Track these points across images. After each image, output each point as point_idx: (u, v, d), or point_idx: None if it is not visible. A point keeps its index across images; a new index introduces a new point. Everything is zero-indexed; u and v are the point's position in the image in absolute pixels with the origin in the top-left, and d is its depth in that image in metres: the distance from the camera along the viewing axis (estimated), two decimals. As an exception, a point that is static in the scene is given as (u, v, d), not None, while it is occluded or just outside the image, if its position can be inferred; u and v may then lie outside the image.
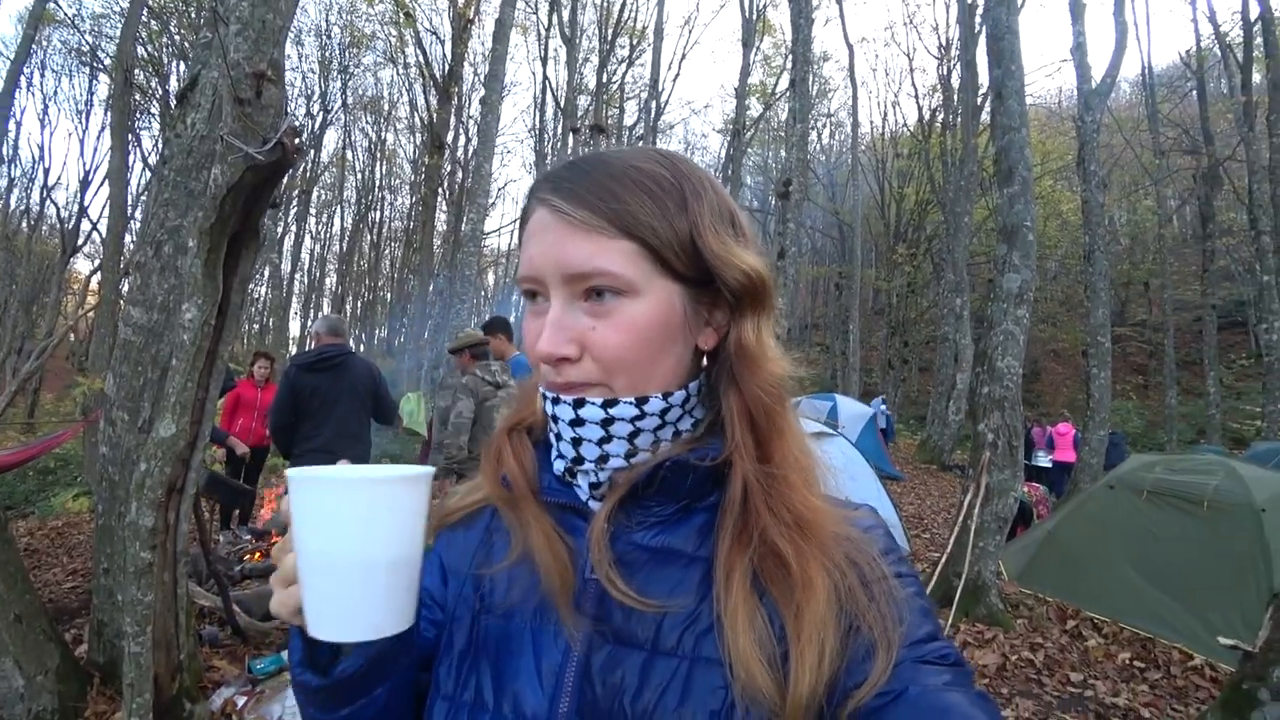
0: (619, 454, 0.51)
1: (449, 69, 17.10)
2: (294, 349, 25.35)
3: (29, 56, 12.11)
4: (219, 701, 2.69)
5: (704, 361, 0.54)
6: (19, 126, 18.88)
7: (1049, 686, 3.56)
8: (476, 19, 17.24)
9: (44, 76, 20.69)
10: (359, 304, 35.14)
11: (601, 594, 0.50)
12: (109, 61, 14.37)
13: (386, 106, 26.36)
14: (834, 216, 25.92)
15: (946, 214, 15.90)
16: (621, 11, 20.24)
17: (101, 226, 17.97)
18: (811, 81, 13.10)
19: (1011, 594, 4.54)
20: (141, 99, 15.31)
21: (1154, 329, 20.27)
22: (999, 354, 4.54)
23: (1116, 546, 4.62)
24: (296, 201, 24.82)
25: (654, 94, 18.04)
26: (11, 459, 5.94)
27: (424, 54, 18.15)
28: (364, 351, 26.25)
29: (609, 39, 20.27)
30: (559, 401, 0.51)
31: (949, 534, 4.72)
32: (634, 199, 0.48)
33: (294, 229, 28.42)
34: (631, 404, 0.50)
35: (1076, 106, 10.49)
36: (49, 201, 20.56)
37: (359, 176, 29.54)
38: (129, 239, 10.99)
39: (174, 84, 14.45)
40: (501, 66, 9.66)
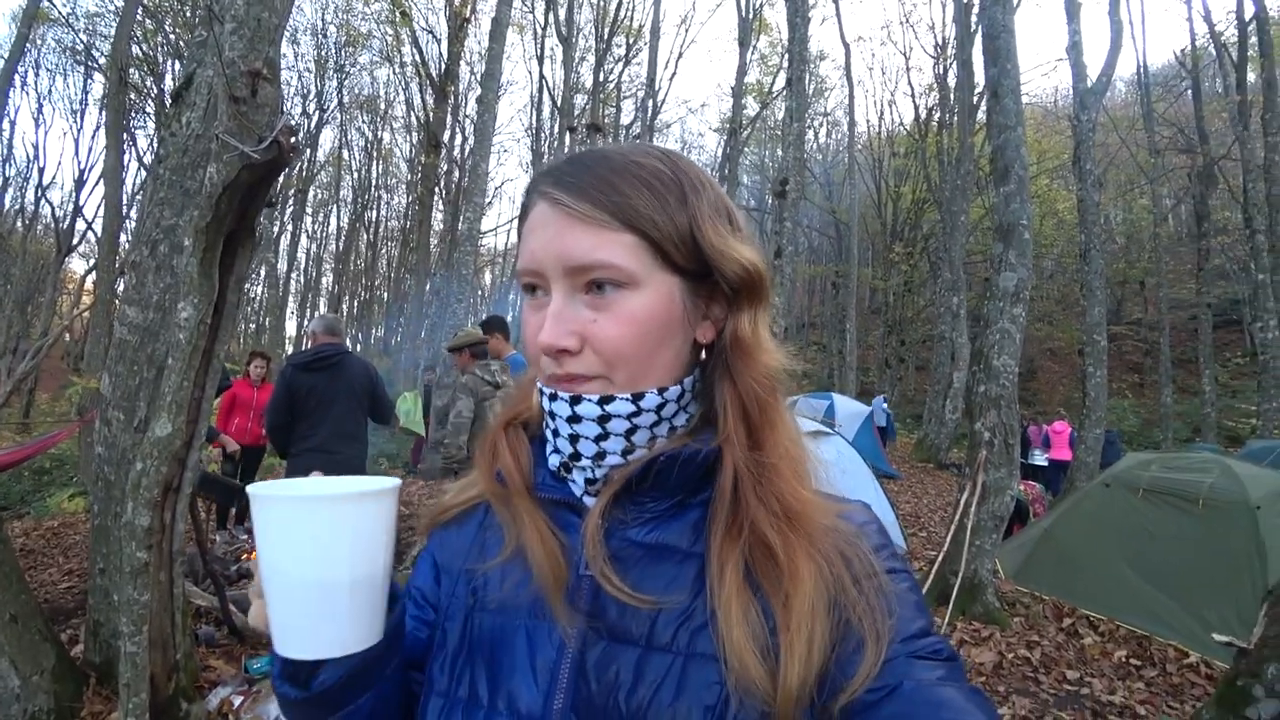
0: (616, 451, 0.51)
1: (445, 68, 17.10)
2: (290, 348, 25.22)
3: (23, 55, 12.08)
4: (215, 701, 2.68)
5: (700, 356, 0.54)
6: (13, 125, 18.95)
7: (1045, 684, 3.57)
8: (473, 18, 17.26)
9: (38, 75, 20.62)
10: (355, 303, 35.03)
11: (596, 590, 0.50)
12: (104, 60, 14.31)
13: (383, 105, 26.25)
14: (831, 215, 25.92)
15: (943, 213, 15.90)
16: (618, 10, 20.20)
17: (96, 226, 17.82)
18: (808, 80, 13.12)
19: (1008, 592, 4.55)
20: (136, 98, 15.21)
21: (1149, 327, 20.33)
22: (995, 352, 4.56)
23: (1112, 544, 4.63)
24: (293, 201, 24.69)
25: (650, 93, 17.99)
26: (7, 459, 5.93)
27: (420, 53, 18.12)
28: (361, 351, 26.15)
29: (605, 38, 20.25)
30: (556, 398, 0.51)
31: (945, 532, 4.73)
32: (635, 192, 0.48)
33: (290, 228, 28.29)
34: (628, 400, 0.50)
35: (1072, 105, 10.50)
36: (44, 201, 20.59)
37: (355, 176, 29.44)
38: (124, 238, 10.98)
39: (169, 83, 14.39)
40: (498, 65, 9.62)
